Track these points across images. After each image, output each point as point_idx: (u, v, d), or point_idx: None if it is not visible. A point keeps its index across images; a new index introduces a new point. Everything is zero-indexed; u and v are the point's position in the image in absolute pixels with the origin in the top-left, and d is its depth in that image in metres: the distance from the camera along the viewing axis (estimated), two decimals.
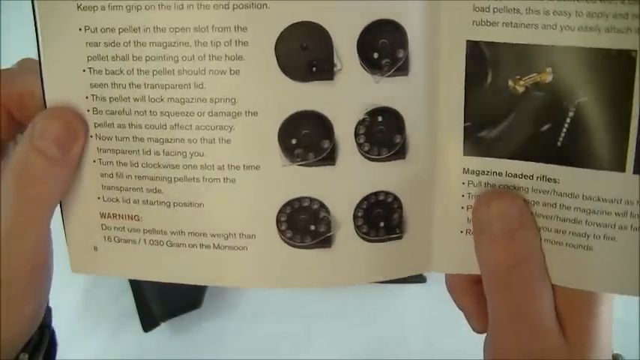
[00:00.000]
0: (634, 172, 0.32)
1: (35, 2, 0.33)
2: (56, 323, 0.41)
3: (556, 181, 0.33)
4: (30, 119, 0.34)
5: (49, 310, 0.39)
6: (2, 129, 0.36)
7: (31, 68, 0.35)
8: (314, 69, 0.33)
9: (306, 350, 0.66)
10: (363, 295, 0.66)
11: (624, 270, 0.33)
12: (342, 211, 0.34)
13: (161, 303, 0.65)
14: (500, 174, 0.34)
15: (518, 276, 0.34)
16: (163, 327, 0.66)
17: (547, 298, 0.34)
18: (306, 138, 0.34)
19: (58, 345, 0.40)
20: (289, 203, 0.34)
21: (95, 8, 0.33)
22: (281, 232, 0.34)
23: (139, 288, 0.65)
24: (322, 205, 0.34)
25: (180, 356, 0.67)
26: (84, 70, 0.33)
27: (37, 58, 0.34)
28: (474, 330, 0.38)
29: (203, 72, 0.33)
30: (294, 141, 0.34)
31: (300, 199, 0.34)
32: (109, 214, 0.35)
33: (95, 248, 0.36)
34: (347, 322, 0.66)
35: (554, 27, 0.32)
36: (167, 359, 0.67)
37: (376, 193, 0.35)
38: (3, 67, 0.37)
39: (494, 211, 0.34)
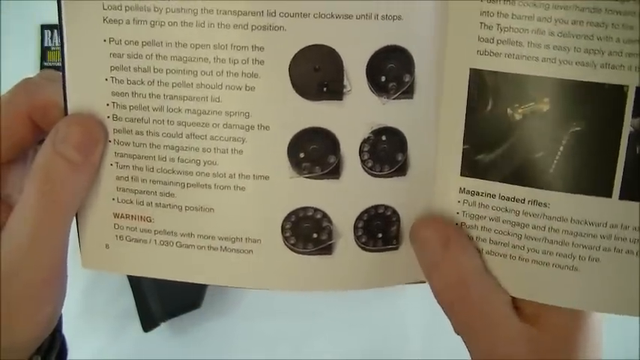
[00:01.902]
0: (620, 198, 0.34)
1: (63, 13, 0.35)
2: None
3: (546, 206, 0.35)
4: (52, 127, 0.36)
5: (59, 316, 0.40)
6: (25, 137, 0.37)
7: (54, 79, 0.37)
8: (325, 89, 0.35)
9: (306, 350, 0.67)
10: (363, 295, 0.66)
11: (608, 290, 0.35)
12: (344, 221, 0.37)
13: (161, 303, 0.65)
14: (493, 196, 0.36)
15: (457, 296, 0.36)
16: (163, 327, 0.67)
17: (495, 308, 0.36)
18: (313, 152, 0.36)
19: (68, 350, 0.42)
20: (294, 212, 0.36)
21: (120, 22, 0.34)
22: (285, 239, 0.37)
23: (139, 288, 0.66)
24: (325, 215, 0.36)
25: (180, 356, 0.68)
26: (106, 79, 0.35)
27: (57, 65, 0.35)
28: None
29: (220, 87, 0.35)
30: (302, 155, 0.36)
31: (305, 209, 0.36)
32: (122, 214, 0.37)
33: (107, 246, 0.38)
34: (347, 322, 0.67)
35: (553, 60, 0.34)
36: (167, 359, 0.68)
37: (376, 207, 0.37)
38: (3, 68, 0.38)
39: (420, 239, 0.37)
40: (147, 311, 0.66)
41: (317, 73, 0.35)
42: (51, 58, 0.72)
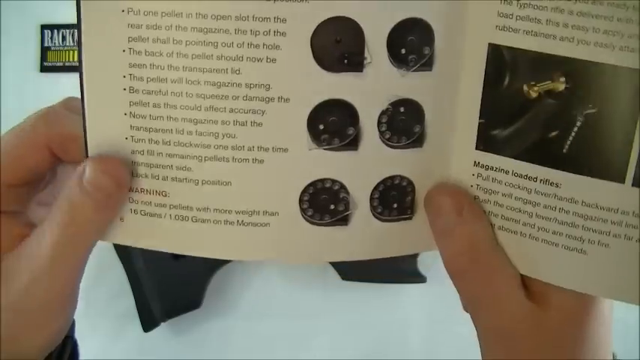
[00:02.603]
0: (633, 185, 0.34)
1: None
2: None
3: (558, 186, 0.36)
4: (70, 158, 0.37)
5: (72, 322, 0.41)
6: (42, 164, 0.38)
7: (75, 110, 0.37)
8: (345, 61, 0.35)
9: (306, 350, 0.67)
10: (363, 294, 0.67)
11: (616, 275, 0.35)
12: (361, 192, 0.37)
13: (161, 303, 0.65)
14: (507, 172, 0.36)
15: (467, 264, 0.37)
16: (163, 327, 0.66)
17: (503, 281, 0.37)
18: (332, 124, 0.36)
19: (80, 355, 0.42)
20: (312, 184, 0.37)
21: None
22: (303, 211, 0.37)
23: (139, 288, 0.65)
24: (342, 186, 0.37)
25: (180, 356, 0.68)
26: (124, 50, 0.35)
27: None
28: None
29: (241, 59, 0.34)
30: (321, 126, 0.36)
31: (322, 180, 0.37)
32: (137, 188, 0.37)
33: (121, 219, 0.37)
34: (347, 322, 0.67)
35: (571, 40, 0.34)
36: (167, 359, 0.68)
37: (392, 177, 0.37)
38: (3, 68, 0.37)
39: (435, 204, 0.38)
40: (147, 311, 0.66)
41: (338, 45, 0.35)
42: (51, 59, 0.71)
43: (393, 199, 0.37)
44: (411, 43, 0.35)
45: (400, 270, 0.64)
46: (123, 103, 0.36)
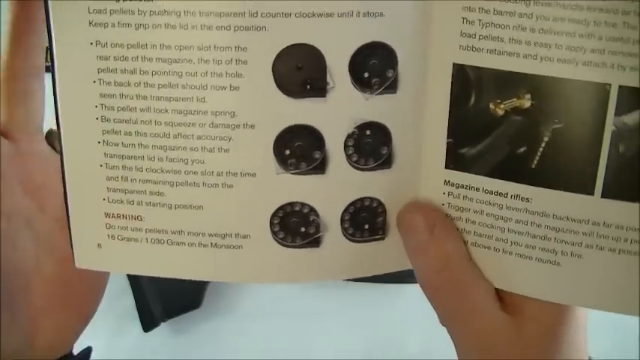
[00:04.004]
0: (602, 196, 0.34)
1: (50, 18, 0.35)
2: None
3: (529, 200, 0.36)
4: None
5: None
6: None
7: None
8: (308, 87, 0.35)
9: (305, 350, 0.67)
10: (363, 295, 0.67)
11: (589, 285, 0.36)
12: (331, 214, 0.37)
13: (161, 303, 0.66)
14: (477, 189, 0.36)
15: (441, 281, 0.37)
16: (163, 327, 0.67)
17: (477, 296, 0.37)
18: (299, 149, 0.36)
19: None
20: (282, 207, 0.37)
21: (106, 25, 0.35)
22: (274, 233, 0.37)
23: (139, 288, 0.66)
24: (312, 210, 0.37)
25: (180, 356, 0.68)
26: (94, 82, 0.36)
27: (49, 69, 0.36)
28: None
29: (205, 87, 0.35)
30: (287, 151, 0.36)
31: (292, 204, 0.37)
32: (113, 214, 0.38)
33: (99, 245, 0.39)
34: (347, 322, 0.67)
35: (534, 57, 0.34)
36: (167, 359, 0.68)
37: (362, 199, 0.37)
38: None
39: (407, 224, 0.38)
40: (147, 311, 0.67)
41: (300, 72, 0.35)
42: None
43: (364, 220, 0.38)
44: (374, 67, 0.35)
45: (400, 270, 0.64)
46: (96, 132, 0.37)
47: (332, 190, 0.37)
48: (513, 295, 0.37)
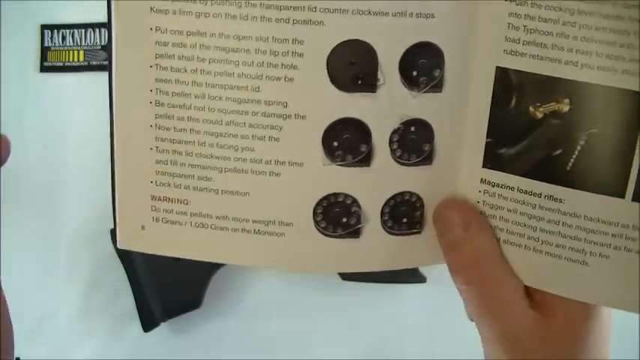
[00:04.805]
0: (632, 200, 0.36)
1: (112, 3, 0.36)
2: (56, 323, 0.41)
3: (561, 201, 0.37)
4: None
5: None
6: None
7: None
8: (359, 81, 0.37)
9: (306, 350, 0.67)
10: (363, 294, 0.67)
11: (616, 286, 0.37)
12: (372, 206, 0.39)
13: (161, 303, 0.65)
14: (512, 188, 0.38)
15: (473, 277, 0.39)
16: (163, 327, 0.67)
17: (508, 292, 0.39)
18: (346, 141, 0.38)
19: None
20: (326, 197, 0.38)
21: (167, 12, 0.36)
22: (316, 222, 0.39)
23: (139, 288, 0.66)
24: (355, 201, 0.39)
25: (180, 356, 0.68)
26: (151, 66, 0.37)
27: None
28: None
29: (260, 77, 0.36)
30: (335, 143, 0.38)
31: (335, 195, 0.38)
32: (159, 197, 0.39)
33: (143, 227, 0.39)
34: (347, 322, 0.67)
35: (575, 64, 0.35)
36: (167, 359, 0.68)
37: (402, 193, 0.39)
38: (3, 68, 0.38)
39: (443, 219, 0.39)
40: (147, 311, 0.66)
41: (353, 67, 0.37)
42: (51, 59, 0.71)
43: (403, 213, 0.39)
44: (422, 66, 0.37)
45: (400, 270, 0.63)
46: (149, 116, 0.38)
47: (375, 183, 0.38)
48: (542, 293, 0.39)
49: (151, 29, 0.36)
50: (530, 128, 0.37)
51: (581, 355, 0.39)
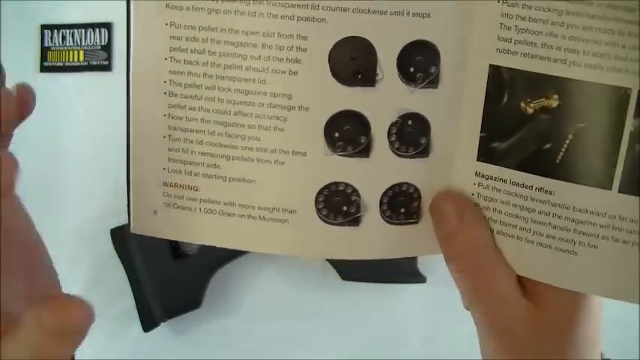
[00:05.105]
0: (619, 191, 0.37)
1: (132, 1, 0.39)
2: None
3: (552, 193, 0.39)
4: None
5: None
6: None
7: None
8: (359, 76, 0.39)
9: (305, 350, 0.67)
10: (363, 294, 0.67)
11: (605, 275, 0.39)
12: (371, 196, 0.41)
13: (161, 303, 0.66)
14: (505, 181, 0.40)
15: (468, 266, 0.41)
16: (163, 327, 0.67)
17: (501, 281, 0.40)
18: (347, 133, 0.40)
19: None
20: (327, 186, 0.40)
21: (181, 8, 0.38)
22: (318, 210, 0.41)
23: (139, 288, 0.67)
24: (355, 190, 0.41)
25: (180, 356, 0.68)
26: (166, 59, 0.39)
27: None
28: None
29: (266, 70, 0.39)
30: (337, 134, 0.40)
31: (337, 184, 0.40)
32: (171, 183, 0.41)
33: (155, 212, 0.42)
34: (347, 322, 0.68)
35: (564, 62, 0.37)
36: (167, 359, 0.68)
37: (400, 184, 0.41)
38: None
39: (439, 210, 0.41)
40: (147, 311, 0.67)
41: (353, 62, 0.39)
42: (51, 59, 0.72)
43: (401, 204, 0.41)
44: (419, 63, 0.39)
45: (400, 270, 0.66)
46: (163, 105, 0.40)
47: (374, 174, 0.40)
48: (534, 283, 0.40)
49: (166, 24, 0.39)
50: (521, 123, 0.39)
51: (573, 342, 0.40)
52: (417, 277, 0.65)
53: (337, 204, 0.41)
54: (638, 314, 0.60)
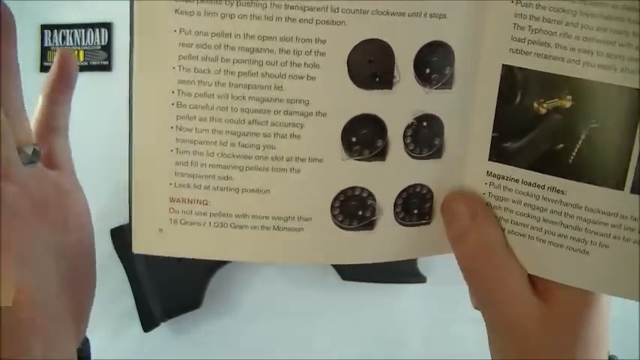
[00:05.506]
0: (631, 192, 0.38)
1: (135, 3, 0.36)
2: None
3: (564, 193, 0.39)
4: None
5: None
6: None
7: None
8: (377, 79, 0.38)
9: (305, 350, 0.68)
10: (363, 294, 0.68)
11: (615, 274, 0.39)
12: (386, 199, 0.40)
13: (161, 303, 0.66)
14: (517, 180, 0.40)
15: (479, 265, 0.41)
16: (163, 327, 0.67)
17: (512, 280, 0.41)
18: (364, 137, 0.39)
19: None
20: (344, 192, 0.40)
21: (192, 13, 0.36)
22: (334, 216, 0.40)
23: (139, 288, 0.66)
24: (370, 194, 0.40)
25: (180, 356, 0.69)
26: (174, 68, 0.37)
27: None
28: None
29: (283, 76, 0.37)
30: (354, 139, 0.39)
31: (353, 188, 0.40)
32: (178, 198, 0.39)
33: (160, 230, 0.40)
34: (347, 321, 0.69)
35: (577, 62, 0.38)
36: (167, 359, 0.68)
37: (414, 185, 0.41)
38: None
39: (451, 210, 0.41)
40: (147, 311, 0.67)
41: (371, 65, 0.38)
42: (51, 59, 0.71)
43: (414, 205, 0.41)
44: (435, 64, 0.39)
45: (400, 270, 0.66)
46: (170, 117, 0.38)
47: (389, 177, 0.40)
48: (545, 281, 0.41)
49: (175, 31, 0.37)
50: (534, 123, 0.39)
51: (582, 340, 0.41)
52: (417, 277, 0.66)
53: (353, 209, 0.40)
54: (638, 314, 0.63)
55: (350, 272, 0.66)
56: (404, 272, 0.66)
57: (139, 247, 0.40)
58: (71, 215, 0.39)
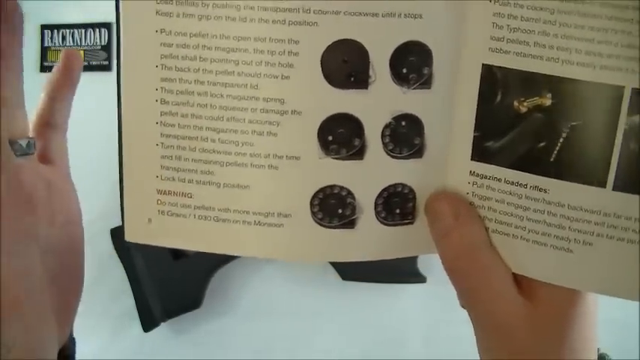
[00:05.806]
0: (614, 189, 0.38)
1: (120, 6, 0.38)
2: None
3: (546, 191, 0.39)
4: None
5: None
6: None
7: None
8: (352, 79, 0.39)
9: (305, 350, 0.67)
10: (363, 294, 0.68)
11: (599, 272, 0.39)
12: (366, 198, 0.41)
13: (161, 303, 0.66)
14: (499, 180, 0.40)
15: (463, 264, 0.41)
16: (163, 327, 0.67)
17: (497, 279, 0.40)
18: (340, 136, 0.40)
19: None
20: (322, 189, 0.40)
21: (171, 15, 0.38)
22: (313, 214, 0.41)
23: (139, 288, 0.67)
24: (349, 193, 0.41)
25: (180, 356, 0.69)
26: (157, 66, 0.39)
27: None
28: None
29: (259, 75, 0.39)
30: (330, 137, 0.40)
31: (331, 187, 0.40)
32: (165, 190, 0.41)
33: (149, 220, 0.42)
34: (347, 321, 0.68)
35: (556, 60, 0.37)
36: (167, 359, 0.68)
37: (395, 185, 0.41)
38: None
39: (434, 210, 0.41)
40: (147, 311, 0.67)
41: (345, 65, 0.39)
42: (51, 58, 0.73)
43: (396, 205, 0.41)
44: (412, 64, 0.39)
45: (400, 270, 0.66)
46: (155, 113, 0.40)
47: (368, 176, 0.40)
48: (530, 280, 0.40)
49: (157, 31, 0.39)
50: (515, 122, 0.39)
51: (569, 339, 0.40)
52: (417, 277, 0.65)
53: (332, 207, 0.41)
54: (637, 315, 0.60)
55: (350, 272, 0.66)
56: (404, 272, 0.65)
57: (130, 235, 0.42)
58: (60, 211, 0.41)
